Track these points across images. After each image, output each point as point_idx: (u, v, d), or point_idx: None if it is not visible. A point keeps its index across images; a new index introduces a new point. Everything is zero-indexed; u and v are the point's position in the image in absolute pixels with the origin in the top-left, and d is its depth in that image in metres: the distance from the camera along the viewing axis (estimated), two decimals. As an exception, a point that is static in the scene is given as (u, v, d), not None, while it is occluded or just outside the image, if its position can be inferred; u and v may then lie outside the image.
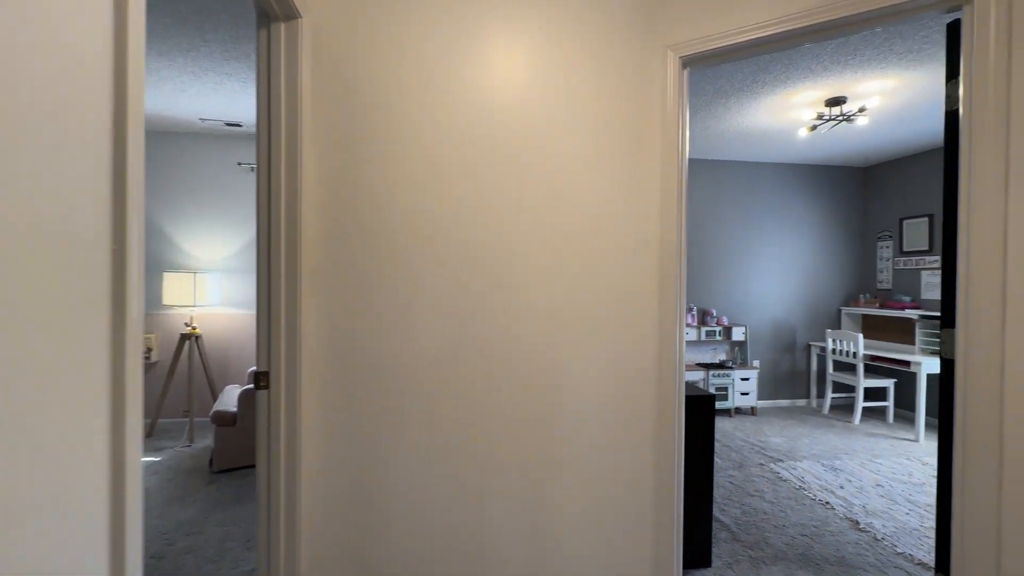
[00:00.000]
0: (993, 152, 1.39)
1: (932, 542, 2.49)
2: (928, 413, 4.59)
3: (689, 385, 2.45)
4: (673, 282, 1.75)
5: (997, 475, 1.36)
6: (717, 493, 3.05)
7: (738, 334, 4.97)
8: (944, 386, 1.55)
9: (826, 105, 3.43)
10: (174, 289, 3.85)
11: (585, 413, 1.73)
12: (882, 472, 3.39)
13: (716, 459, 3.64)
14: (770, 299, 5.22)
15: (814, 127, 3.51)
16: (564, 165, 1.71)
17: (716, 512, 2.79)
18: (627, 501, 1.76)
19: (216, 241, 4.28)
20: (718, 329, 4.92)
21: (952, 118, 1.55)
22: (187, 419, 4.22)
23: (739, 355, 5.07)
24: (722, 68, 2.99)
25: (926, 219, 4.69)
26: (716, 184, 5.12)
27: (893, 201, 5.05)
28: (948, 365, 1.53)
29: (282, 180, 1.50)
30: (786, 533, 2.57)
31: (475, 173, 1.66)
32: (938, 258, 4.59)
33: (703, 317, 5.10)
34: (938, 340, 4.47)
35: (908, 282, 4.89)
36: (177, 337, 4.22)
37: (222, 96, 3.32)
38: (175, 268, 4.20)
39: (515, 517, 1.69)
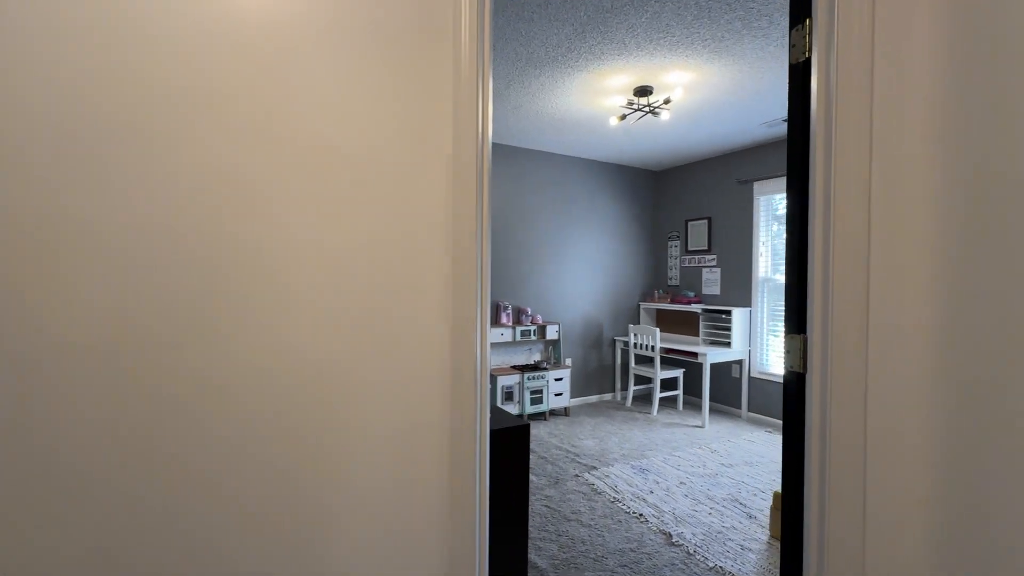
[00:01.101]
0: (858, 108, 1.08)
1: (735, 544, 2.42)
2: (712, 399, 5.04)
3: (500, 414, 1.89)
4: (472, 277, 1.12)
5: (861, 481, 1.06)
6: (533, 523, 2.61)
7: (552, 332, 4.78)
8: (793, 394, 1.24)
9: (635, 94, 3.31)
10: None
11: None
12: (682, 467, 3.41)
13: (532, 476, 3.25)
14: (580, 296, 5.19)
15: (623, 116, 3.36)
16: (297, 103, 0.93)
17: (532, 555, 2.32)
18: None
19: None
20: (533, 328, 4.65)
21: (801, 70, 1.24)
22: None
23: (553, 354, 4.89)
24: (536, 30, 2.55)
25: (706, 221, 5.15)
26: (530, 175, 4.85)
27: (680, 204, 5.47)
28: (798, 375, 1.22)
29: None
30: (605, 567, 2.22)
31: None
32: (715, 257, 5.07)
33: (518, 316, 4.79)
34: (718, 331, 5.01)
35: (692, 279, 5.33)
36: None
37: None
38: None
39: None
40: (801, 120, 1.23)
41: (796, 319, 1.22)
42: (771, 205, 4.57)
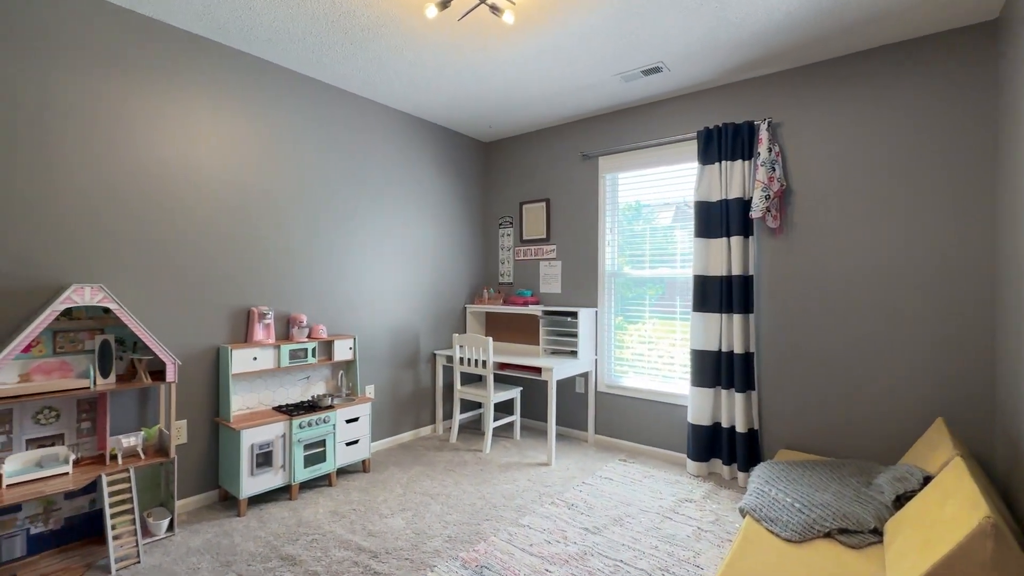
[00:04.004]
0: None
1: None
2: (559, 423, 4.10)
3: None
4: None
5: None
6: None
7: (343, 351, 3.23)
8: None
9: (464, -31, 2.05)
10: None
11: None
12: (536, 548, 2.26)
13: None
14: (387, 297, 3.75)
15: (447, 1, 2.07)
16: None
17: None
18: None
19: None
20: (311, 346, 3.04)
21: None
22: None
23: (345, 382, 3.34)
24: None
25: (543, 204, 4.23)
26: (303, 116, 3.22)
27: (513, 182, 4.47)
28: None
29: None
30: None
31: None
32: (555, 247, 4.17)
33: (286, 329, 3.11)
34: (561, 337, 3.72)
35: (529, 274, 4.36)
36: None
37: None
38: None
39: None
40: None
41: None
42: (617, 185, 3.84)
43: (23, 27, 2.13)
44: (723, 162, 3.13)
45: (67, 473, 2.10)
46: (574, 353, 3.76)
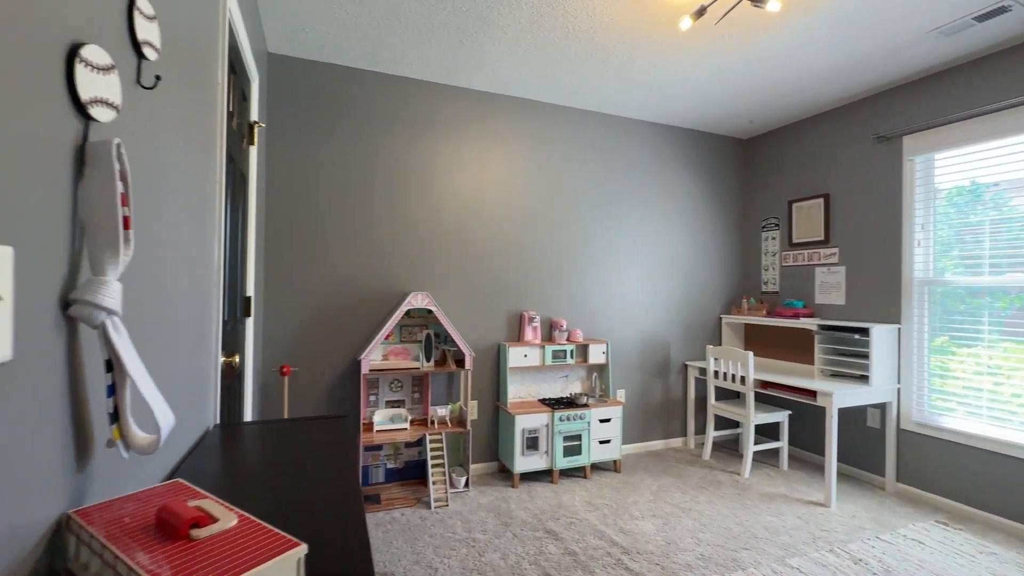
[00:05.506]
0: None
1: None
2: (841, 459, 3.46)
3: None
4: None
5: None
6: None
7: (597, 354, 3.47)
8: None
9: (721, -29, 2.00)
10: None
11: None
12: (809, 597, 1.99)
13: (546, 597, 1.98)
14: (638, 305, 3.84)
15: (702, 10, 2.05)
16: None
17: None
18: None
19: None
20: (570, 348, 3.38)
21: None
22: None
23: (598, 384, 3.58)
24: None
25: (820, 201, 3.63)
26: (565, 142, 3.61)
27: (779, 180, 3.98)
28: None
29: None
30: None
31: None
32: (836, 250, 3.53)
33: (549, 331, 3.53)
34: (846, 358, 3.12)
35: (800, 282, 3.81)
36: None
37: None
38: None
39: None
40: None
41: None
42: (932, 168, 3.01)
43: (376, 113, 3.07)
44: None
45: (406, 428, 2.90)
46: (864, 378, 3.10)
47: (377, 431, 2.83)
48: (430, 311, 3.08)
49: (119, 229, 0.66)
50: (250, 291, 2.20)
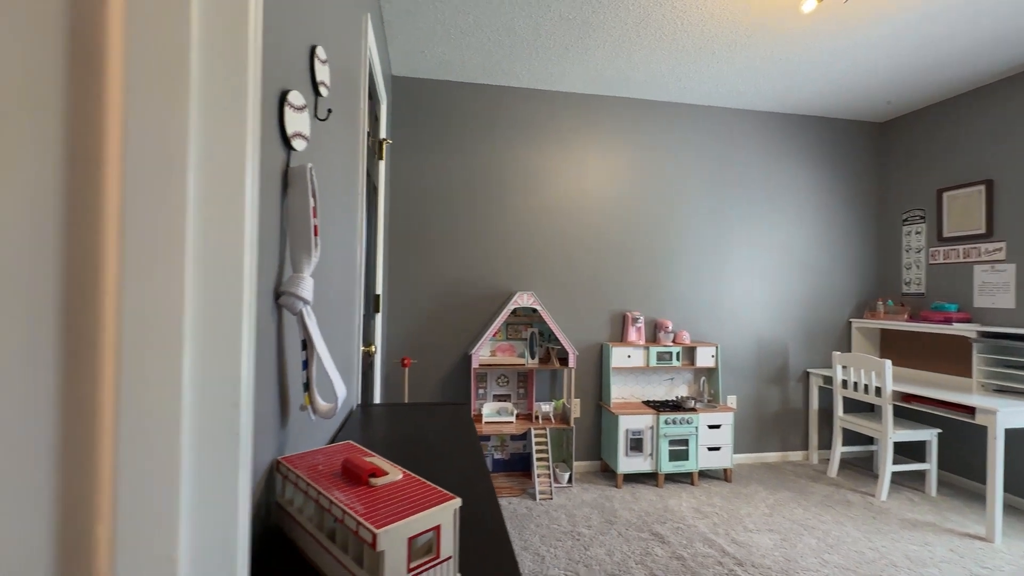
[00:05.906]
0: None
1: None
2: (1009, 489, 2.96)
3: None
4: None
5: None
6: None
7: (705, 357, 3.34)
8: None
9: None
10: None
11: None
12: (964, 638, 1.75)
13: (653, 598, 1.97)
14: (751, 306, 3.61)
15: (829, -12, 1.91)
16: None
17: None
18: None
19: None
20: (676, 351, 3.29)
21: None
22: None
23: (707, 389, 3.43)
24: None
25: (981, 188, 3.13)
26: (669, 138, 3.51)
27: (926, 166, 3.50)
28: None
29: None
30: None
31: None
32: (1002, 245, 3.02)
33: (654, 332, 3.46)
34: (1014, 371, 2.69)
35: (951, 282, 3.32)
36: None
37: None
38: None
39: None
40: None
41: None
42: None
43: (485, 122, 3.25)
44: None
45: (512, 422, 3.03)
46: (1042, 395, 2.62)
47: (486, 423, 3.00)
48: (535, 310, 3.19)
49: (312, 235, 0.82)
50: (379, 290, 2.48)
